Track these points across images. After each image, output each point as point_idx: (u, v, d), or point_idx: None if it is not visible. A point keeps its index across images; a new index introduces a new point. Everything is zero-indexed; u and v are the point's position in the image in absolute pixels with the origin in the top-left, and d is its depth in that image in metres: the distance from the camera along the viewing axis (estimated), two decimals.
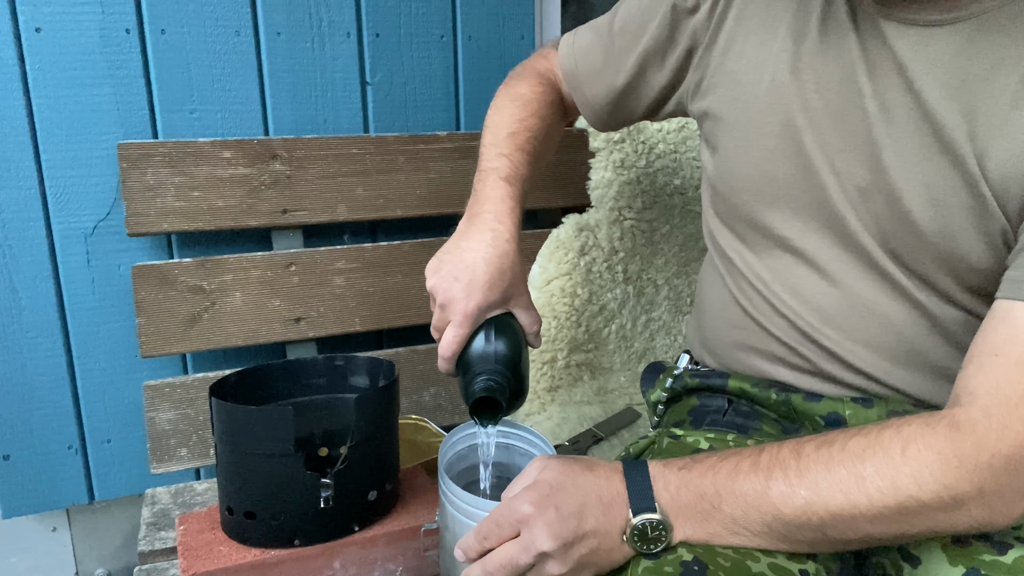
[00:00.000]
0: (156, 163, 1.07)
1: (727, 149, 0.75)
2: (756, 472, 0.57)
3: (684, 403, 0.83)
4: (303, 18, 1.16)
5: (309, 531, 0.80)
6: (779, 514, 0.55)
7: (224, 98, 1.14)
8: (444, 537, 0.74)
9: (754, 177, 0.72)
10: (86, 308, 1.12)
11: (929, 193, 0.62)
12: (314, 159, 1.15)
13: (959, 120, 0.59)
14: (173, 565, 0.88)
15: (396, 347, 1.25)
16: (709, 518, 0.58)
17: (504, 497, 0.62)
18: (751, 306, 0.75)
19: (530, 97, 0.85)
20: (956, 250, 0.62)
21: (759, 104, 0.70)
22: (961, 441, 0.53)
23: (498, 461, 0.80)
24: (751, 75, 0.71)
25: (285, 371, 0.91)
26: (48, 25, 1.03)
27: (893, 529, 0.54)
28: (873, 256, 0.67)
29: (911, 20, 0.62)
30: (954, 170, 0.61)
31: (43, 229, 1.08)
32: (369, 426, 0.81)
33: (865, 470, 0.54)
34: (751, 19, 0.72)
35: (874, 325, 0.68)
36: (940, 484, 0.52)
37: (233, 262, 1.12)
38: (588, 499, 0.58)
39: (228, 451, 0.81)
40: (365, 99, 1.23)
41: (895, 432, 0.55)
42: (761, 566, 0.64)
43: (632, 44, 0.81)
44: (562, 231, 1.20)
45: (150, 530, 0.95)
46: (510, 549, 0.58)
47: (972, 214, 0.61)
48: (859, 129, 0.65)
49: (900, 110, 0.62)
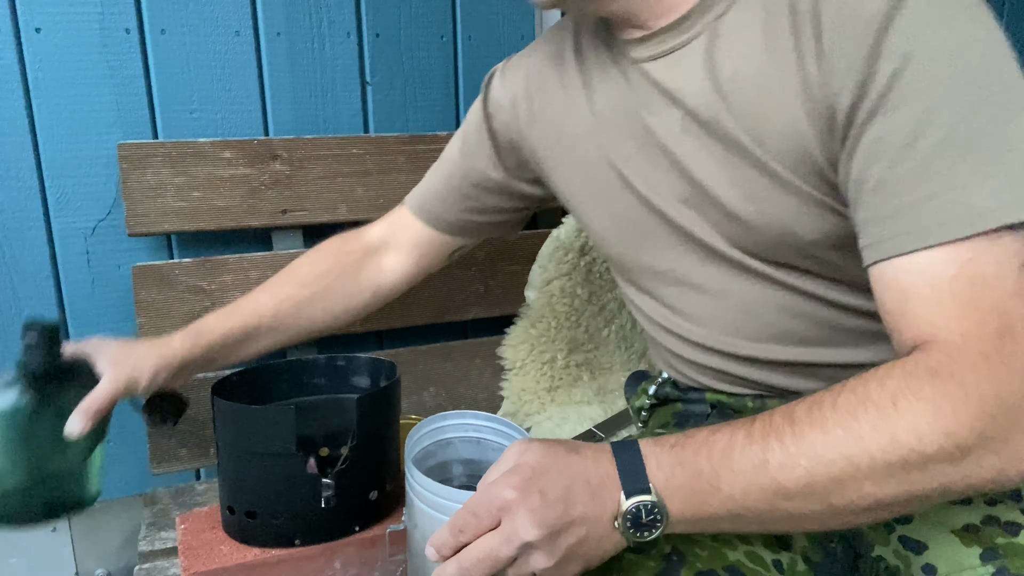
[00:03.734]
0: (156, 163, 1.07)
1: (581, 217, 0.82)
2: (751, 444, 0.53)
3: (669, 408, 0.84)
4: (303, 18, 1.16)
5: (310, 531, 0.80)
6: (780, 488, 0.52)
7: (224, 98, 1.14)
8: (412, 538, 0.67)
9: (611, 228, 0.78)
10: (86, 308, 1.11)
11: (743, 192, 0.65)
12: (314, 159, 1.15)
13: (733, 121, 0.64)
14: (173, 565, 0.88)
15: (396, 347, 1.26)
16: (708, 500, 0.53)
17: (481, 485, 0.56)
18: (670, 342, 0.79)
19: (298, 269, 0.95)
20: (795, 232, 0.65)
21: (582, 165, 0.77)
22: (947, 387, 0.50)
23: (469, 458, 0.74)
24: (565, 143, 0.78)
25: (287, 371, 0.91)
26: (48, 25, 1.03)
27: (901, 489, 0.51)
28: (737, 259, 0.69)
29: (658, 54, 0.69)
30: (752, 167, 0.64)
31: (43, 229, 1.08)
32: (370, 426, 0.81)
33: (861, 428, 0.50)
34: (542, 94, 0.81)
35: (764, 320, 0.70)
36: (940, 433, 0.49)
37: (233, 262, 1.12)
38: (575, 482, 0.53)
39: (230, 451, 0.81)
40: (365, 99, 1.23)
41: (879, 386, 0.52)
42: (738, 554, 0.64)
43: (463, 160, 0.91)
44: (562, 231, 1.20)
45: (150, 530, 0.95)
46: (489, 541, 0.53)
47: (785, 198, 0.64)
48: (663, 158, 0.70)
49: (685, 131, 0.68)
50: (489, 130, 0.88)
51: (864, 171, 0.57)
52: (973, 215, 0.51)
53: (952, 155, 0.53)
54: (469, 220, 0.94)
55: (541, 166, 0.84)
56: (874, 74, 0.56)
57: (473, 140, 0.90)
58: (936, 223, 0.53)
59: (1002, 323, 0.51)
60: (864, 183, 0.57)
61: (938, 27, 0.55)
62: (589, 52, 0.77)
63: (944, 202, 0.52)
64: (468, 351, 1.29)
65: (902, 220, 0.55)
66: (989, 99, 0.53)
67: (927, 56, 0.54)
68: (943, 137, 0.53)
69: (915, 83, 0.54)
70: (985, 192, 0.51)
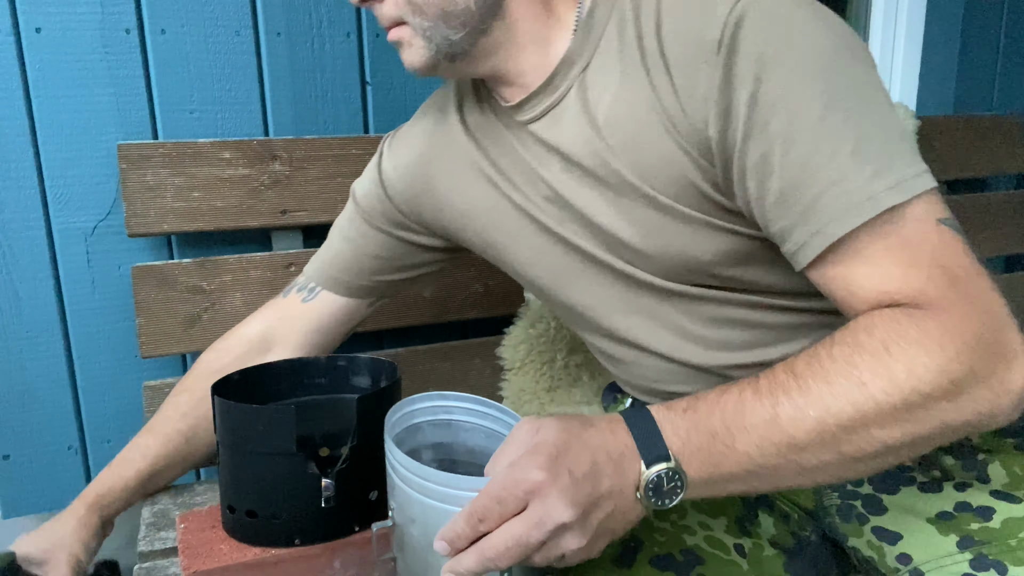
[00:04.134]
0: (156, 163, 1.07)
1: (505, 264, 0.84)
2: (760, 400, 0.53)
3: None
4: (303, 18, 1.16)
5: (310, 530, 0.80)
6: (793, 440, 0.52)
7: (224, 98, 1.14)
8: (408, 534, 0.60)
9: (537, 269, 0.80)
10: (86, 308, 1.12)
11: (640, 230, 0.69)
12: (314, 159, 1.15)
13: (618, 163, 0.67)
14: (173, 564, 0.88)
15: (396, 347, 1.26)
16: (724, 460, 0.53)
17: (492, 470, 0.53)
18: (627, 376, 0.82)
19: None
20: (694, 256, 0.68)
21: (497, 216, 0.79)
22: (930, 328, 0.53)
23: (438, 442, 0.71)
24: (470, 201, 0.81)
25: (287, 371, 0.91)
26: (48, 25, 1.03)
27: (906, 431, 0.52)
28: (659, 285, 0.72)
29: (538, 115, 0.72)
30: (645, 205, 0.68)
31: (43, 229, 1.08)
32: (370, 426, 0.81)
33: (862, 375, 0.52)
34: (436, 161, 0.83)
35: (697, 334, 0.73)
36: (934, 371, 0.51)
37: (233, 262, 1.12)
38: (598, 456, 0.52)
39: (230, 450, 0.81)
40: (365, 99, 1.23)
41: (867, 335, 0.54)
42: (697, 539, 0.67)
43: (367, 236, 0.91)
44: None
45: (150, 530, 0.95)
46: (517, 527, 0.50)
47: (677, 226, 0.67)
48: (566, 207, 0.73)
49: (579, 182, 0.71)
50: (387, 196, 0.89)
51: (760, 188, 0.60)
52: (864, 200, 0.56)
53: (824, 152, 0.57)
54: (383, 280, 0.93)
55: (448, 227, 0.86)
56: (733, 101, 0.59)
57: (374, 203, 0.90)
58: (835, 217, 0.56)
59: (948, 272, 0.55)
60: (764, 199, 0.60)
61: (779, 41, 0.58)
62: (476, 115, 0.80)
63: (835, 195, 0.56)
64: (467, 351, 1.29)
65: (809, 222, 0.58)
66: (841, 96, 0.57)
67: (776, 72, 0.58)
68: (813, 138, 0.57)
69: (772, 99, 0.58)
70: (864, 178, 0.56)
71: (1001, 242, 1.64)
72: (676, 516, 0.71)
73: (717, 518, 0.71)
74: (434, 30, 0.68)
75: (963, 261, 0.55)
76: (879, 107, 0.58)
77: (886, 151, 0.57)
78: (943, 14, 1.62)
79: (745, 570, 0.67)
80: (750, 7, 0.59)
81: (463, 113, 0.81)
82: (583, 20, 0.70)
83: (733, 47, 0.59)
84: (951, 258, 0.55)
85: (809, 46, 0.58)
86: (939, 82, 1.65)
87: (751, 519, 0.73)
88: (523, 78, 0.72)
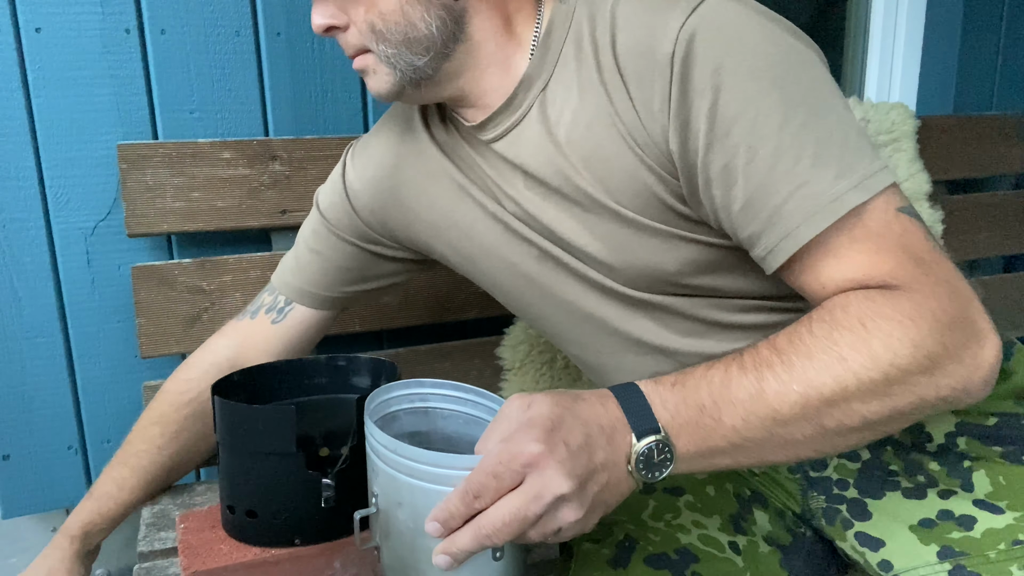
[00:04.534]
0: (156, 164, 1.07)
1: (475, 274, 0.84)
2: (745, 375, 0.54)
3: None
4: (303, 18, 1.16)
5: (309, 530, 0.80)
6: (777, 415, 0.53)
7: (224, 98, 1.14)
8: (394, 519, 0.58)
9: (508, 278, 0.80)
10: (86, 308, 1.12)
11: (606, 244, 0.70)
12: (314, 160, 1.15)
13: (581, 179, 0.68)
14: (173, 564, 0.88)
15: (396, 347, 1.26)
16: (712, 434, 0.54)
17: (484, 447, 0.52)
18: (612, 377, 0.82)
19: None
20: (660, 267, 0.69)
21: (468, 224, 0.79)
22: (903, 305, 0.54)
23: (414, 431, 0.69)
24: (439, 210, 0.81)
25: (287, 371, 0.91)
26: (48, 25, 1.03)
27: (885, 404, 0.53)
28: (628, 294, 0.73)
29: (500, 134, 0.73)
30: (609, 219, 0.69)
31: (43, 229, 1.08)
32: None
33: (842, 351, 0.53)
34: (402, 170, 0.83)
35: (677, 329, 0.74)
36: (910, 346, 0.52)
37: (233, 263, 1.12)
38: (591, 429, 0.53)
39: (230, 450, 0.81)
40: (365, 99, 1.23)
41: (843, 312, 0.55)
42: (691, 537, 0.68)
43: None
44: None
45: (150, 530, 0.95)
46: (514, 501, 0.49)
47: (642, 239, 0.68)
48: (533, 222, 0.74)
49: (544, 199, 0.72)
50: (352, 209, 0.88)
51: (725, 197, 0.61)
52: (829, 203, 0.57)
53: (787, 159, 0.58)
54: (351, 291, 0.93)
55: (416, 238, 0.86)
56: (692, 113, 0.60)
57: (340, 216, 0.89)
58: (803, 220, 0.58)
59: (913, 256, 0.56)
60: (731, 207, 0.61)
61: (734, 53, 0.59)
62: (440, 131, 0.80)
63: (801, 198, 0.58)
64: (467, 351, 1.29)
65: (777, 227, 0.59)
66: (797, 102, 0.59)
67: (733, 82, 0.59)
68: (774, 145, 0.58)
69: (731, 109, 0.59)
70: (827, 180, 0.57)
71: (1001, 242, 1.64)
72: (670, 515, 0.71)
73: (711, 516, 0.71)
74: (398, 57, 0.68)
75: (926, 245, 0.57)
76: (835, 108, 0.60)
77: (846, 151, 0.58)
78: (943, 14, 1.62)
79: (740, 567, 0.67)
80: (702, 21, 0.60)
81: (427, 126, 0.81)
82: (541, 39, 0.70)
83: (688, 61, 0.60)
84: (915, 243, 0.57)
85: (763, 55, 0.59)
86: (939, 82, 1.65)
87: (745, 517, 0.73)
88: (484, 99, 0.73)
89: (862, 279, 0.57)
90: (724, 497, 0.74)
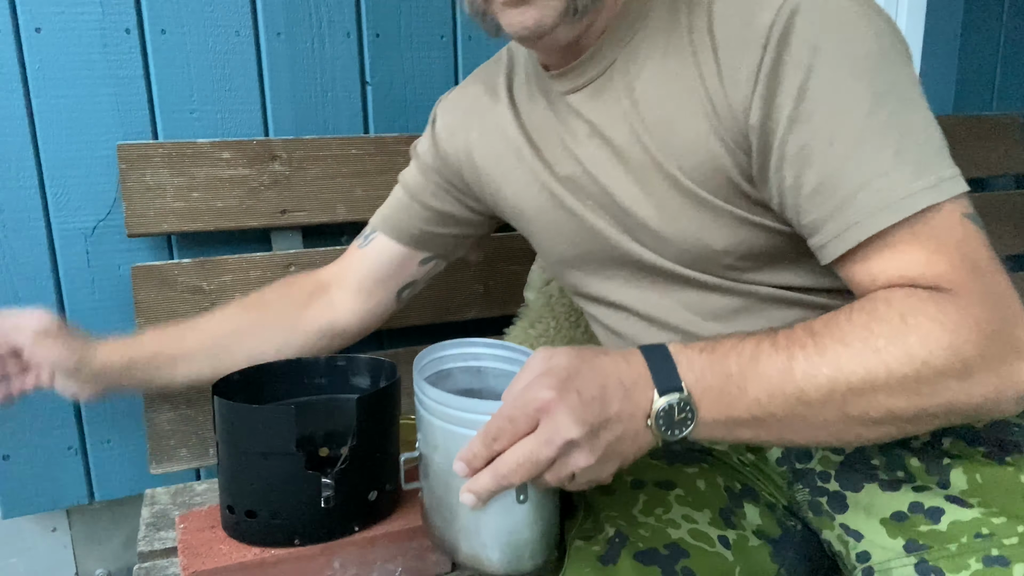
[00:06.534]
0: (156, 163, 1.07)
1: (528, 234, 0.86)
2: (777, 352, 0.55)
3: None
4: (303, 18, 1.16)
5: (309, 531, 0.80)
6: (803, 395, 0.54)
7: (224, 98, 1.14)
8: (431, 462, 0.64)
9: (555, 243, 0.81)
10: (86, 308, 1.11)
11: (662, 212, 0.69)
12: (314, 160, 1.15)
13: (649, 141, 0.68)
14: (173, 564, 0.88)
15: (396, 347, 1.26)
16: (735, 403, 0.55)
17: (507, 396, 0.56)
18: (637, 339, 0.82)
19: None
20: (706, 243, 0.69)
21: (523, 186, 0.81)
22: (948, 308, 0.54)
23: (468, 388, 0.72)
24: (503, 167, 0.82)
25: (287, 371, 0.92)
26: (48, 25, 1.03)
27: (913, 402, 0.54)
28: (670, 270, 0.73)
29: (580, 85, 0.72)
30: (669, 186, 0.68)
31: (43, 229, 1.08)
32: (370, 426, 0.81)
33: (878, 342, 0.53)
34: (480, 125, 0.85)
35: (707, 310, 0.74)
36: (947, 348, 0.53)
37: (233, 263, 1.12)
38: (608, 381, 0.54)
39: (229, 450, 0.81)
40: (365, 99, 1.23)
41: (887, 305, 0.55)
42: (681, 532, 0.68)
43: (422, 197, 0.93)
44: None
45: (150, 530, 0.95)
46: (528, 444, 0.52)
47: (696, 212, 0.68)
48: (592, 183, 0.74)
49: (608, 159, 0.71)
50: (439, 155, 0.91)
51: (798, 178, 0.61)
52: (902, 198, 0.57)
53: (867, 149, 0.58)
54: (431, 232, 0.94)
55: (483, 192, 0.88)
56: (781, 87, 0.60)
57: (429, 160, 0.92)
58: (873, 212, 0.57)
59: (970, 261, 0.56)
60: (800, 189, 0.61)
61: (833, 34, 0.59)
62: (521, 85, 0.81)
63: (875, 190, 0.57)
64: None
65: (845, 216, 0.59)
66: (887, 94, 0.58)
67: (827, 63, 0.59)
68: (858, 133, 0.58)
69: (822, 90, 0.59)
70: (905, 176, 0.57)
71: (1001, 242, 1.64)
72: (661, 510, 0.71)
73: (701, 511, 0.71)
74: None
75: (985, 254, 0.57)
76: (920, 108, 0.60)
77: (926, 151, 0.58)
78: (943, 14, 1.62)
79: (731, 561, 0.67)
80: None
81: (510, 84, 0.83)
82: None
83: (787, 34, 0.59)
84: (974, 250, 0.57)
85: (860, 42, 0.59)
86: (939, 82, 1.65)
87: (736, 511, 0.73)
88: (576, 44, 0.71)
89: (914, 277, 0.57)
90: (714, 491, 0.74)
